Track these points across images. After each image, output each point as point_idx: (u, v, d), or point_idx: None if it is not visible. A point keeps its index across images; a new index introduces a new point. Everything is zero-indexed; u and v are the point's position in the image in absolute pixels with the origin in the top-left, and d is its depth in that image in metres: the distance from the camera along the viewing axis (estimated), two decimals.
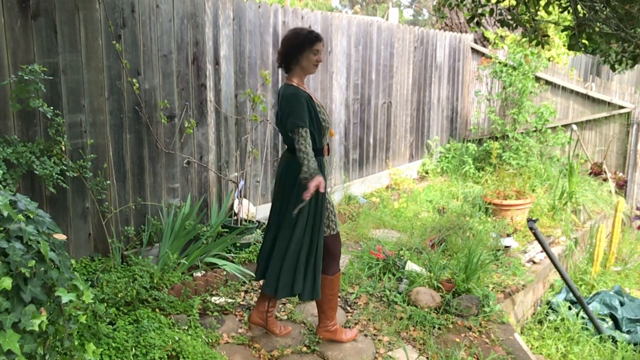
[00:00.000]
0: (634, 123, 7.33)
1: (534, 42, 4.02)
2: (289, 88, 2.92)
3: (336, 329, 3.21)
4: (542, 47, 4.22)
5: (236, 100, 4.63)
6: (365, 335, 3.35)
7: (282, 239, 2.97)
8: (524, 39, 6.61)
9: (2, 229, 1.75)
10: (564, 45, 8.68)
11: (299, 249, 2.94)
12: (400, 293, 3.86)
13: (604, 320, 4.45)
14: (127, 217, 3.86)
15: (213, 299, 3.61)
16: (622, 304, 4.59)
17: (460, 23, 9.71)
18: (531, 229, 4.04)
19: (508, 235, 5.24)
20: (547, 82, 7.94)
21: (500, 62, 7.41)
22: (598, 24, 3.31)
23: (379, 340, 3.30)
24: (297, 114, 2.79)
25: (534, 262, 4.91)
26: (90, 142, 3.54)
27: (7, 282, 1.64)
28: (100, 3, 3.50)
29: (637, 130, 7.28)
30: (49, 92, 3.29)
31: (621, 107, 7.48)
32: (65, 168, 3.32)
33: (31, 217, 1.87)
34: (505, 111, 7.69)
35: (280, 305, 3.65)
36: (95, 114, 3.57)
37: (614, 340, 4.19)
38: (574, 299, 4.48)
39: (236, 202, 4.53)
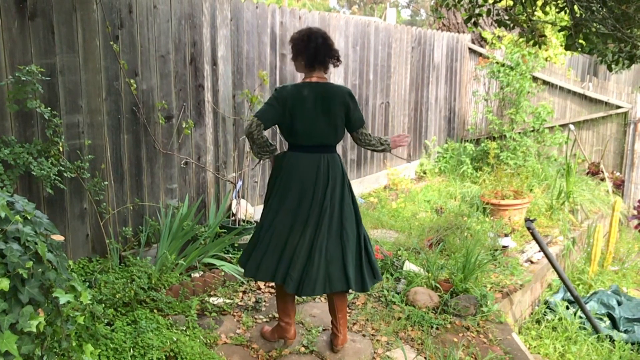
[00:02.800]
0: (631, 123, 7.34)
1: (531, 42, 4.03)
2: (339, 85, 2.97)
3: None
4: (539, 47, 4.24)
5: (234, 100, 4.63)
6: (364, 336, 3.35)
7: (349, 237, 2.91)
8: (521, 39, 6.62)
9: None
10: (561, 46, 8.69)
11: (365, 240, 3.01)
12: (398, 293, 3.87)
13: (601, 319, 4.46)
14: (125, 218, 3.86)
15: (211, 299, 3.61)
16: (619, 303, 4.60)
17: (457, 23, 9.73)
18: (529, 228, 4.04)
19: (506, 235, 5.25)
20: (545, 82, 7.96)
21: (497, 62, 7.42)
22: (595, 24, 3.32)
23: (377, 340, 3.30)
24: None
25: (532, 262, 4.91)
26: (87, 142, 3.54)
27: (5, 283, 1.64)
28: (97, 4, 3.50)
29: (634, 130, 7.30)
30: (47, 93, 3.28)
31: (618, 107, 7.50)
32: (63, 169, 3.32)
33: (29, 218, 1.87)
34: (502, 111, 7.70)
35: None
36: (92, 114, 3.56)
37: (612, 340, 4.20)
38: (571, 298, 4.48)
39: (234, 202, 4.53)
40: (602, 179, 7.35)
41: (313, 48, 2.84)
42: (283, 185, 2.92)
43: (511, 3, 3.79)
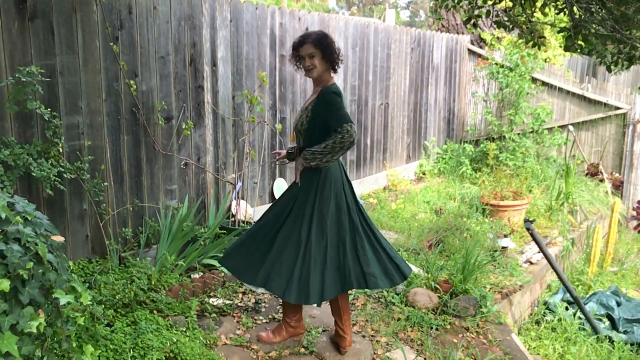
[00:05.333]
0: (629, 124, 7.36)
1: (530, 44, 4.04)
2: None
3: None
4: (539, 49, 4.25)
5: (233, 101, 4.64)
6: (363, 337, 3.35)
7: (377, 233, 3.03)
8: (520, 40, 6.63)
9: (0, 230, 1.75)
10: (560, 47, 8.71)
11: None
12: (397, 294, 3.87)
13: (600, 320, 4.47)
14: (124, 219, 3.86)
15: (211, 300, 3.61)
16: (618, 304, 4.61)
17: (456, 24, 9.74)
18: (528, 229, 4.05)
19: (505, 236, 5.25)
20: (544, 83, 7.97)
21: (496, 64, 7.44)
22: (594, 26, 3.33)
23: (377, 341, 3.30)
24: None
25: (531, 263, 4.92)
26: (87, 143, 3.54)
27: (5, 284, 1.64)
28: (97, 5, 3.50)
29: (633, 131, 7.31)
30: (47, 94, 3.28)
31: (617, 108, 7.51)
32: (63, 170, 3.32)
33: (29, 219, 1.87)
34: (502, 112, 7.71)
35: (278, 307, 3.65)
36: (92, 115, 3.57)
37: (611, 341, 4.21)
38: (571, 299, 4.49)
39: (234, 203, 4.53)
40: (602, 180, 7.35)
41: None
42: (320, 195, 2.84)
43: (510, 4, 3.80)
